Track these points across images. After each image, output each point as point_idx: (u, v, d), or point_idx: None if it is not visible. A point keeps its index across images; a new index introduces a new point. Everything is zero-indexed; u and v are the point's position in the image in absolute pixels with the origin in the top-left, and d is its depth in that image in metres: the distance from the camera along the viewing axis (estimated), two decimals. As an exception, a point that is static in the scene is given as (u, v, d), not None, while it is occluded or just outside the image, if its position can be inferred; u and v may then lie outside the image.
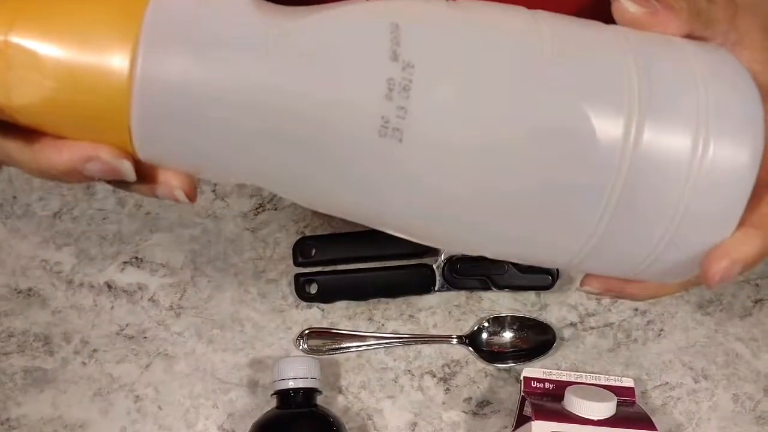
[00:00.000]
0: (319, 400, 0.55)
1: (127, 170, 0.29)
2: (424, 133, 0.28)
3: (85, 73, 0.27)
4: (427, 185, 0.29)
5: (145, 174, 0.31)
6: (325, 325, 0.60)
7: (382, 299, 0.61)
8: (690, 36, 0.33)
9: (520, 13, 0.31)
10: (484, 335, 0.60)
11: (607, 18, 0.33)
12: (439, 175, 0.29)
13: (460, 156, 0.28)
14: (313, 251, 0.61)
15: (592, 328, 0.61)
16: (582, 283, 0.36)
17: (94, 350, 0.59)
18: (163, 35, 0.27)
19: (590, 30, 0.32)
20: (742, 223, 0.31)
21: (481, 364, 0.60)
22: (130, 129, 0.28)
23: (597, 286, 0.36)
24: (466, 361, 0.60)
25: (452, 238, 0.33)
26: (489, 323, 0.60)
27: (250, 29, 0.28)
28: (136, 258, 0.61)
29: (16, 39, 0.27)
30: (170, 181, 0.31)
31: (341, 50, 0.28)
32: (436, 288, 0.61)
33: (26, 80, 0.27)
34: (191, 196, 0.31)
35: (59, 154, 0.28)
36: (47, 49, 0.27)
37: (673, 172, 0.30)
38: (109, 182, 0.31)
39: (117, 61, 0.27)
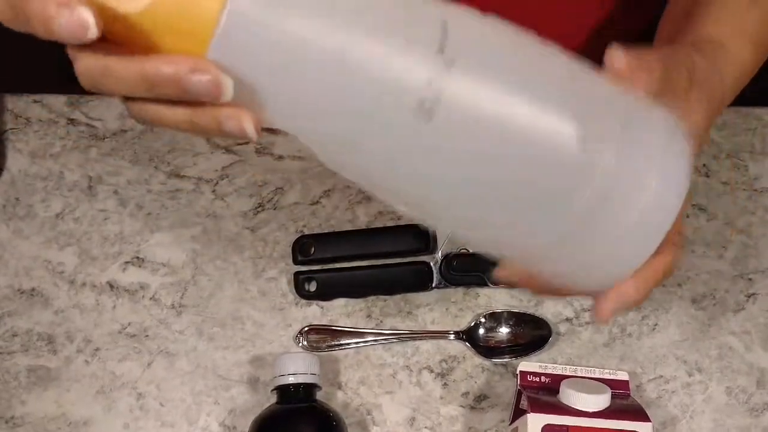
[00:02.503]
0: (319, 395, 0.56)
1: (227, 86, 0.30)
2: (447, 117, 0.32)
3: None
4: (444, 160, 0.34)
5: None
6: (324, 323, 0.61)
7: (381, 296, 0.62)
8: (655, 97, 0.37)
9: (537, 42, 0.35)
10: (481, 331, 0.61)
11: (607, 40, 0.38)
12: (449, 154, 0.34)
13: (470, 142, 0.33)
14: (312, 249, 0.61)
15: (587, 323, 0.62)
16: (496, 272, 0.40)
17: (97, 349, 0.60)
18: None
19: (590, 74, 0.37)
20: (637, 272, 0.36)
21: (478, 359, 0.61)
22: (209, 43, 0.30)
23: (505, 275, 0.40)
24: (464, 357, 0.61)
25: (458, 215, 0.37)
26: (486, 319, 0.61)
27: None
28: (138, 258, 0.61)
29: None
30: (239, 113, 0.31)
31: (400, 30, 0.32)
32: (433, 285, 0.61)
33: None
34: (259, 131, 0.32)
35: (168, 63, 0.30)
36: None
37: (606, 218, 0.34)
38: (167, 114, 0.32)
39: None
